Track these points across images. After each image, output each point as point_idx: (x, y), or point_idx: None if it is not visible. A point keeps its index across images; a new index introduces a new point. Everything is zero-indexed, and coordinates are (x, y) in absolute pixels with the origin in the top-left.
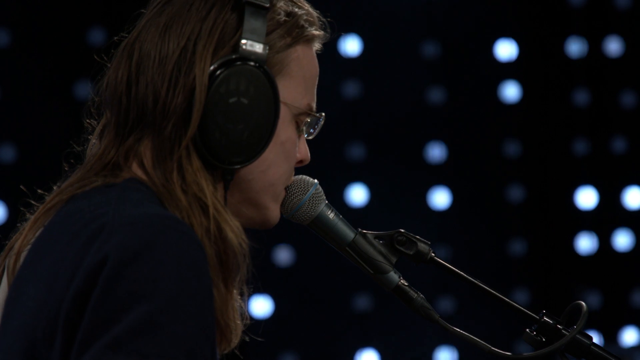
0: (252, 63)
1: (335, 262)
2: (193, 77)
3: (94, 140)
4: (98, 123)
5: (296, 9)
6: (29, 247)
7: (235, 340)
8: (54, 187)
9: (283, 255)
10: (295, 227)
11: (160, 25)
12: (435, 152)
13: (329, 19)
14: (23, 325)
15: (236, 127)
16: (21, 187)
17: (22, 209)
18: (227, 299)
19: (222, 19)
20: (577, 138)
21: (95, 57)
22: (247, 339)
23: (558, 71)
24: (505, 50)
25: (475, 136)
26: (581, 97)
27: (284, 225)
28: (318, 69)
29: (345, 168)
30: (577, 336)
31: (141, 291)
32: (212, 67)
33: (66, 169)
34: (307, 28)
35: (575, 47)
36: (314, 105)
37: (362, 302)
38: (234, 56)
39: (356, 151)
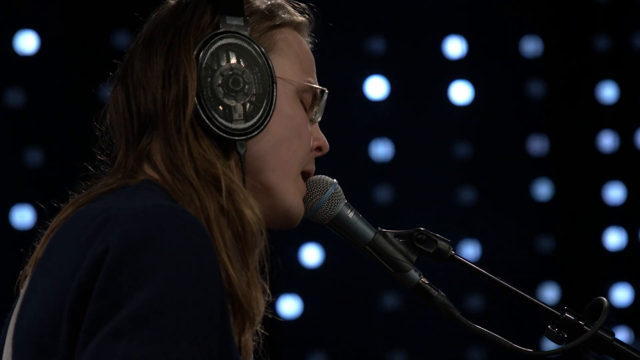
0: (236, 35)
1: (363, 261)
2: (182, 66)
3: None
4: (109, 156)
5: (272, 0)
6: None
7: (258, 318)
8: (70, 197)
9: (311, 255)
10: (323, 227)
11: (145, 42)
12: (462, 149)
13: (313, 10)
14: (33, 319)
15: (237, 99)
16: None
17: (48, 220)
18: (247, 277)
19: (200, 11)
20: (604, 133)
21: (114, 60)
22: (269, 315)
23: (583, 66)
24: (531, 46)
25: (501, 133)
26: (607, 91)
27: (311, 225)
28: (312, 55)
29: (371, 167)
30: (599, 332)
31: (142, 279)
32: (197, 48)
33: (83, 190)
34: (287, 13)
35: (600, 42)
36: (316, 86)
37: (391, 301)
38: (215, 32)
39: (382, 150)
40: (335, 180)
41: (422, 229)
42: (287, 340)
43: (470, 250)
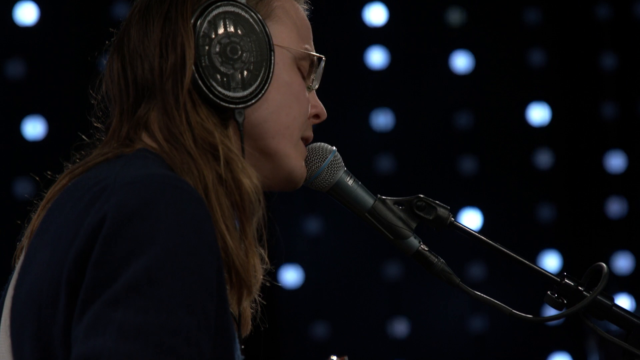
0: (233, 3)
1: (365, 231)
2: (180, 34)
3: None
4: (105, 124)
5: None
6: (40, 223)
7: (256, 287)
8: (65, 168)
9: (312, 225)
10: (324, 197)
11: (141, 11)
12: (462, 118)
13: None
14: (31, 290)
15: (234, 67)
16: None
17: (43, 191)
18: (245, 245)
19: None
20: (605, 102)
21: (111, 29)
22: (267, 284)
23: (585, 35)
24: (532, 15)
25: (502, 102)
26: (608, 60)
27: (312, 195)
28: (309, 23)
29: (372, 136)
30: (598, 297)
31: (138, 248)
32: (194, 16)
33: (77, 160)
34: None
35: (602, 11)
36: (314, 53)
37: (392, 271)
38: (212, 0)
39: (382, 119)
40: (334, 147)
41: (422, 196)
42: (288, 310)
43: (471, 219)
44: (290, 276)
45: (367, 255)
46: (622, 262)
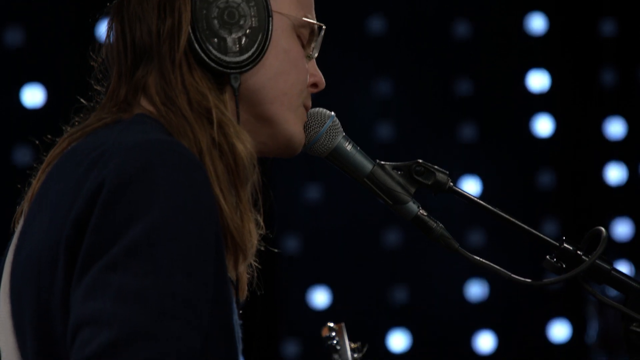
0: None
1: (365, 198)
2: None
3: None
4: (104, 87)
5: None
6: (39, 187)
7: (252, 251)
8: (65, 131)
9: (313, 192)
10: (324, 164)
11: None
12: (462, 85)
13: None
14: (30, 254)
15: (232, 31)
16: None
17: (44, 154)
18: (240, 210)
19: None
20: (605, 68)
21: None
22: (262, 248)
23: (584, 1)
24: None
25: (501, 69)
26: (608, 26)
27: (312, 162)
28: None
29: (371, 103)
30: (597, 262)
31: (137, 212)
32: None
33: (77, 122)
34: None
35: None
36: (314, 21)
37: (392, 238)
38: None
39: (382, 86)
40: (333, 112)
41: (420, 161)
42: (288, 277)
43: (470, 186)
44: (291, 243)
45: (367, 222)
46: (622, 229)
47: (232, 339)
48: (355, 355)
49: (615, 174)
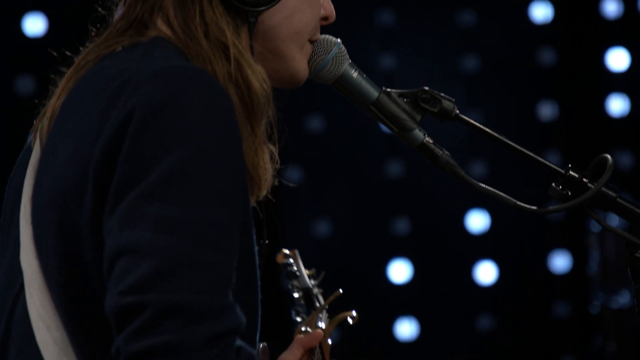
0: None
1: (366, 130)
2: None
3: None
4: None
5: None
6: (59, 108)
7: (266, 184)
8: (81, 49)
9: (314, 124)
10: (326, 95)
11: None
12: (465, 16)
13: None
14: (54, 181)
15: None
16: (49, 51)
17: (52, 76)
18: (254, 144)
19: None
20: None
21: None
22: (276, 182)
23: None
24: None
25: (504, 0)
26: None
27: (315, 92)
28: None
29: (374, 33)
30: (603, 189)
31: (170, 141)
32: None
33: (93, 34)
34: None
35: None
36: None
37: (395, 169)
38: None
39: (386, 16)
40: (339, 40)
41: (427, 88)
42: (291, 208)
43: (472, 117)
44: (293, 175)
45: (369, 154)
46: (623, 160)
47: (253, 267)
48: (313, 282)
49: (617, 105)
